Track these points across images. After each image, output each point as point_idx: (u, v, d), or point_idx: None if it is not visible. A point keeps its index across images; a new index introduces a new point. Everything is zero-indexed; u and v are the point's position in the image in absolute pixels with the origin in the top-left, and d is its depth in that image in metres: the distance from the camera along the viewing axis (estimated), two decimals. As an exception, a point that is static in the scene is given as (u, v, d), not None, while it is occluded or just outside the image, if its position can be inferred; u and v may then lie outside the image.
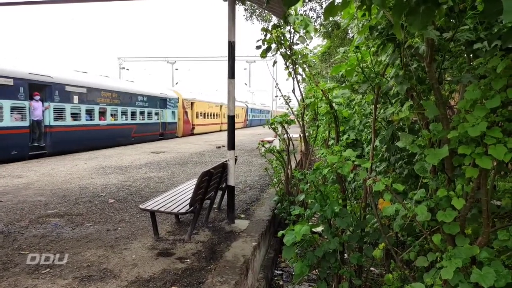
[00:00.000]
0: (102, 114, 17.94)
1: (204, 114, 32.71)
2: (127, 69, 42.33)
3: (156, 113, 23.65)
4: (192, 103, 29.59)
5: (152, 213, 4.61)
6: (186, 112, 27.97)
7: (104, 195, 7.06)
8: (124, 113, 19.80)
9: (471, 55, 2.89)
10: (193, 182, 5.97)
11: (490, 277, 2.08)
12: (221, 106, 37.59)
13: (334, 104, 4.78)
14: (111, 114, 18.71)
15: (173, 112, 25.97)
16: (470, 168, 2.22)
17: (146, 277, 3.54)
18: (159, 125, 24.07)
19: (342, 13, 3.55)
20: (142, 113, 21.74)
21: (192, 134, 29.26)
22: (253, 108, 55.70)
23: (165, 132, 24.59)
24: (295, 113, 6.86)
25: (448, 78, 3.50)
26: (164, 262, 3.91)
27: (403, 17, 2.09)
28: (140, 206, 4.61)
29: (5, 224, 5.15)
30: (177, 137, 26.45)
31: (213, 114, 35.48)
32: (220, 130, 37.28)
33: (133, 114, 20.72)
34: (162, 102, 24.43)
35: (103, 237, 4.65)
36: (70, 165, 11.14)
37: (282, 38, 5.55)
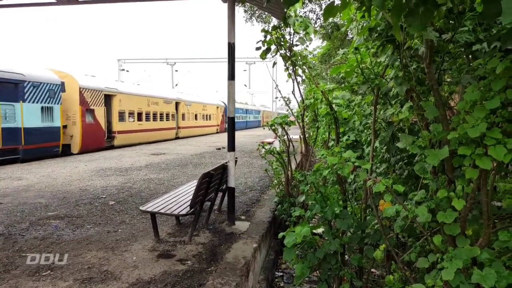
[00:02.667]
0: None
1: (141, 115, 21.63)
2: (127, 71, 42.31)
3: None
4: (110, 97, 18.44)
5: (153, 215, 4.61)
6: (91, 111, 16.71)
7: (104, 197, 7.06)
8: None
9: (470, 56, 2.90)
10: (194, 183, 5.97)
11: (491, 278, 2.08)
12: (176, 103, 27.00)
13: (334, 105, 4.79)
14: None
15: (46, 110, 14.21)
16: (470, 169, 2.22)
17: (147, 279, 3.54)
18: None
19: (341, 14, 3.56)
20: None
21: (112, 147, 18.48)
22: (235, 107, 46.45)
23: (20, 147, 12.95)
24: (295, 114, 6.86)
25: (448, 79, 3.50)
26: (164, 264, 3.91)
27: (402, 18, 2.10)
28: (141, 208, 4.61)
29: (6, 226, 5.15)
30: (69, 154, 15.49)
31: (163, 115, 24.58)
32: (177, 138, 26.82)
33: None
34: (7, 88, 12.58)
35: (104, 239, 4.65)
36: (70, 167, 11.15)
37: (281, 39, 5.56)
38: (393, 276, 3.10)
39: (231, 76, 5.10)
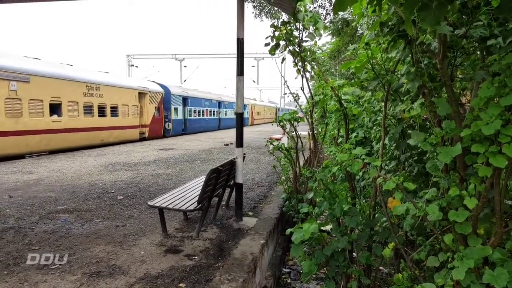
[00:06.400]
0: None
1: None
2: (136, 66, 42.42)
3: None
4: None
5: (161, 210, 4.62)
6: None
7: (113, 191, 7.10)
8: None
9: (484, 52, 2.84)
10: (201, 179, 5.97)
11: (503, 278, 2.05)
12: None
13: (343, 102, 4.74)
14: None
15: None
16: (483, 167, 2.17)
17: (155, 274, 3.55)
18: None
19: (352, 9, 3.50)
20: None
21: None
22: (189, 96, 27.42)
23: None
24: (304, 110, 6.82)
25: (460, 76, 3.44)
26: (172, 259, 3.92)
27: (414, 13, 2.05)
28: (149, 203, 4.62)
29: (16, 219, 5.21)
30: None
31: None
32: None
33: None
34: None
35: (112, 233, 4.68)
36: (79, 161, 11.24)
37: (291, 35, 5.51)
38: (402, 275, 3.06)
39: (240, 71, 5.07)
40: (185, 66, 43.21)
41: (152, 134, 21.77)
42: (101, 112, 16.98)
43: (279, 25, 5.51)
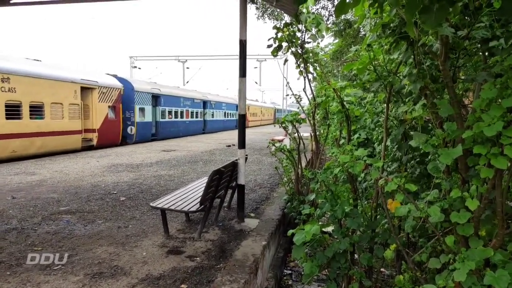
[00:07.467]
0: None
1: None
2: (139, 68, 42.50)
3: None
4: None
5: (163, 211, 4.63)
6: None
7: (115, 192, 7.12)
8: None
9: (486, 53, 2.84)
10: (204, 180, 5.98)
11: (504, 280, 2.04)
12: None
13: (345, 103, 4.74)
14: None
15: None
16: (485, 168, 2.17)
17: (156, 275, 3.56)
18: None
19: (354, 10, 3.51)
20: None
21: None
22: (162, 94, 22.46)
23: None
24: (306, 112, 6.82)
25: (462, 77, 3.43)
26: (174, 260, 3.93)
27: (416, 15, 2.05)
28: (151, 204, 4.63)
29: (19, 220, 5.23)
30: None
31: None
32: None
33: None
34: None
35: (114, 234, 4.69)
36: (82, 162, 11.28)
37: (293, 36, 5.52)
38: (404, 276, 3.06)
39: (243, 73, 5.08)
40: (187, 68, 43.24)
41: (104, 141, 16.58)
42: (12, 112, 11.98)
43: (282, 27, 5.52)
